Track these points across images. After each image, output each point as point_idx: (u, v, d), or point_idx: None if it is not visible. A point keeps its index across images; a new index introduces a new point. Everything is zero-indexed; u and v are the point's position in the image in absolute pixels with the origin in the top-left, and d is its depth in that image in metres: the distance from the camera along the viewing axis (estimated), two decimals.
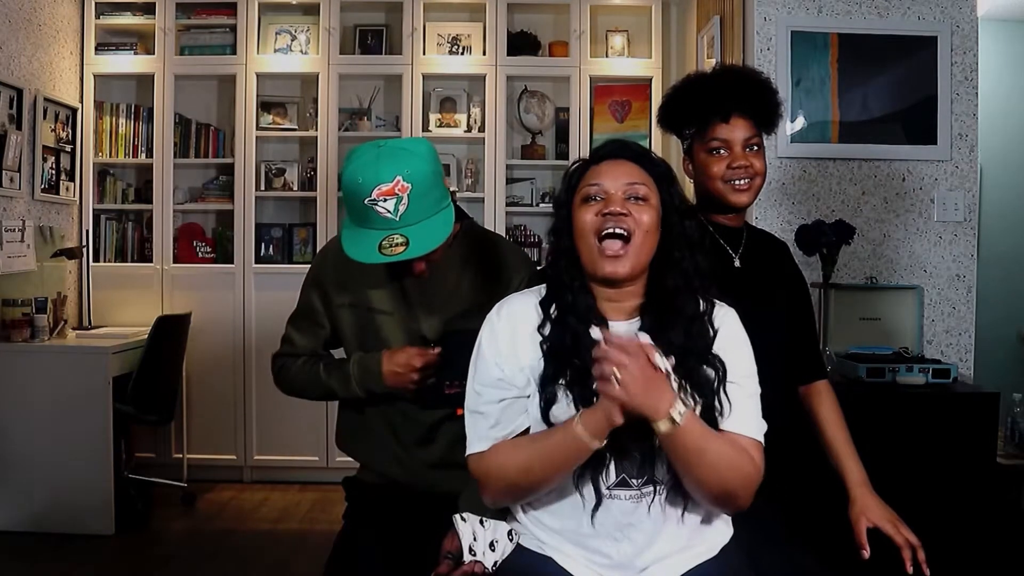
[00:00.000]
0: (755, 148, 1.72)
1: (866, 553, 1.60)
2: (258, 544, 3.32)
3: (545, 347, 1.33)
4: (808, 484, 1.81)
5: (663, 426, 1.21)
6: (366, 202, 1.48)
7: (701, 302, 1.35)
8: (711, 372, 1.31)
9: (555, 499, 1.35)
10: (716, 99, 1.70)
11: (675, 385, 1.23)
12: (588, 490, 1.30)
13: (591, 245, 1.31)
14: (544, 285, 1.39)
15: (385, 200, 1.48)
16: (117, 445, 3.48)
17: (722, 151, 1.70)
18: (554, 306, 1.35)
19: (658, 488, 1.31)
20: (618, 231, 1.29)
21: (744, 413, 1.32)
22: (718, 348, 1.33)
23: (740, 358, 1.35)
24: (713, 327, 1.34)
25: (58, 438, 3.31)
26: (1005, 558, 2.34)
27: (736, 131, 1.70)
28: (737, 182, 1.70)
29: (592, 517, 1.30)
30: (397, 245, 1.49)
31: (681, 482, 1.30)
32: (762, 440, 1.33)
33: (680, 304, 1.32)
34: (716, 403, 1.30)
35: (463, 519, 1.40)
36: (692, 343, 1.31)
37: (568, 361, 1.30)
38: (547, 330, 1.34)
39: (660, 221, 1.33)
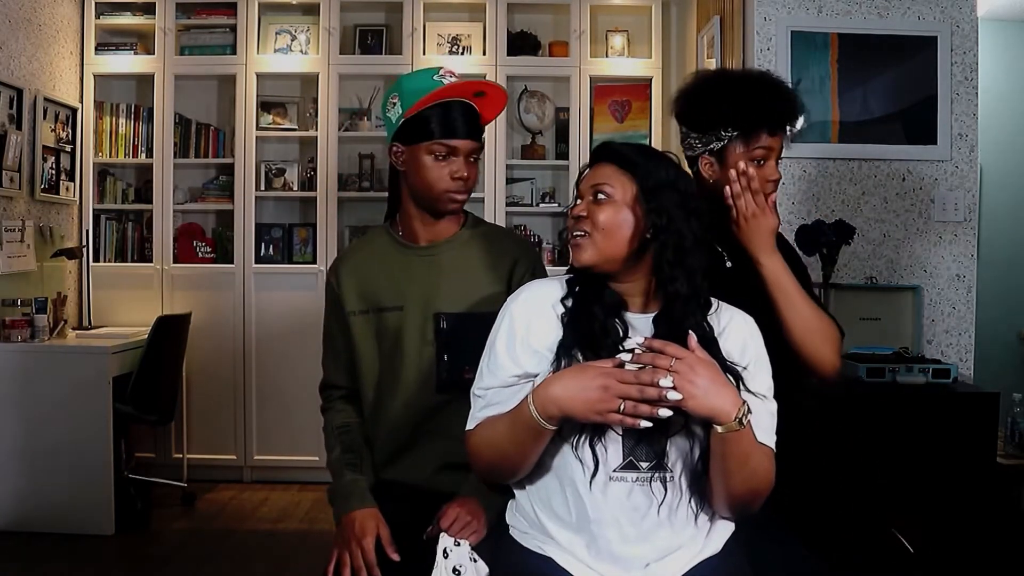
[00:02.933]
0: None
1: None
2: (258, 544, 3.32)
3: (565, 319, 1.35)
4: (807, 484, 1.81)
5: (726, 428, 1.22)
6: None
7: (713, 301, 1.38)
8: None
9: (555, 480, 1.35)
10: (772, 110, 1.68)
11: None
12: (588, 470, 1.30)
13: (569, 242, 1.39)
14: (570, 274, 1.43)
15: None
16: (117, 445, 3.48)
17: (762, 161, 1.69)
18: (578, 286, 1.38)
19: (668, 476, 1.31)
20: (576, 234, 1.36)
21: (766, 424, 1.34)
22: (745, 359, 1.35)
23: (766, 374, 1.38)
24: (722, 325, 1.37)
25: (58, 438, 3.30)
26: (1005, 558, 2.34)
27: (777, 143, 1.69)
28: (772, 195, 1.69)
29: (590, 489, 1.30)
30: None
31: (698, 480, 1.32)
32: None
33: (691, 309, 1.33)
34: None
35: (444, 555, 1.44)
36: (706, 336, 1.33)
37: (582, 326, 1.33)
38: (569, 302, 1.37)
39: (636, 214, 1.34)
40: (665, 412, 1.21)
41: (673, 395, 1.20)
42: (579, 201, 1.38)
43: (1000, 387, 2.52)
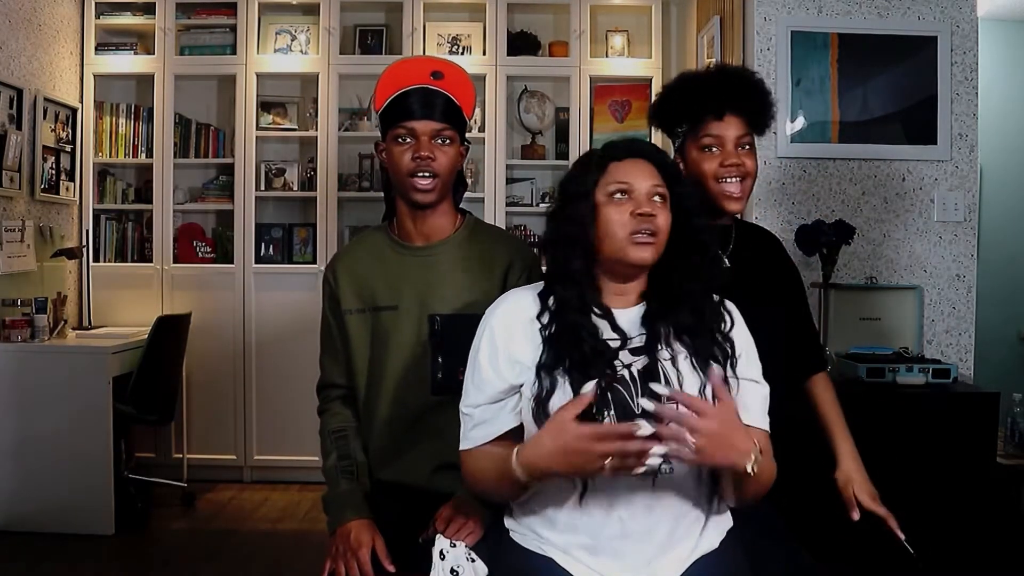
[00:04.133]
0: (747, 147, 1.71)
1: (856, 515, 1.67)
2: (258, 544, 3.32)
3: (545, 335, 1.34)
4: (804, 481, 1.81)
5: (738, 476, 1.25)
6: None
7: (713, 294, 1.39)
8: (719, 353, 1.34)
9: (554, 482, 1.34)
10: (710, 96, 1.69)
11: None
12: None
13: (621, 238, 1.33)
14: (543, 282, 1.41)
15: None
16: (117, 445, 3.48)
17: (714, 148, 1.69)
18: (552, 298, 1.37)
19: (664, 469, 1.30)
20: (647, 230, 1.32)
21: (760, 409, 1.36)
22: (736, 344, 1.37)
23: (754, 358, 1.40)
24: (730, 316, 1.38)
25: (58, 438, 3.30)
26: (1005, 558, 2.34)
27: (729, 129, 1.69)
28: (728, 180, 1.68)
29: (589, 489, 1.30)
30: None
31: (697, 479, 1.33)
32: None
33: (688, 288, 1.35)
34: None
35: (441, 556, 1.44)
36: (702, 323, 1.34)
37: (567, 348, 1.31)
38: (546, 319, 1.35)
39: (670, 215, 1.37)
40: (655, 460, 1.20)
41: (653, 460, 1.20)
42: (626, 195, 1.34)
43: (1000, 387, 2.52)
